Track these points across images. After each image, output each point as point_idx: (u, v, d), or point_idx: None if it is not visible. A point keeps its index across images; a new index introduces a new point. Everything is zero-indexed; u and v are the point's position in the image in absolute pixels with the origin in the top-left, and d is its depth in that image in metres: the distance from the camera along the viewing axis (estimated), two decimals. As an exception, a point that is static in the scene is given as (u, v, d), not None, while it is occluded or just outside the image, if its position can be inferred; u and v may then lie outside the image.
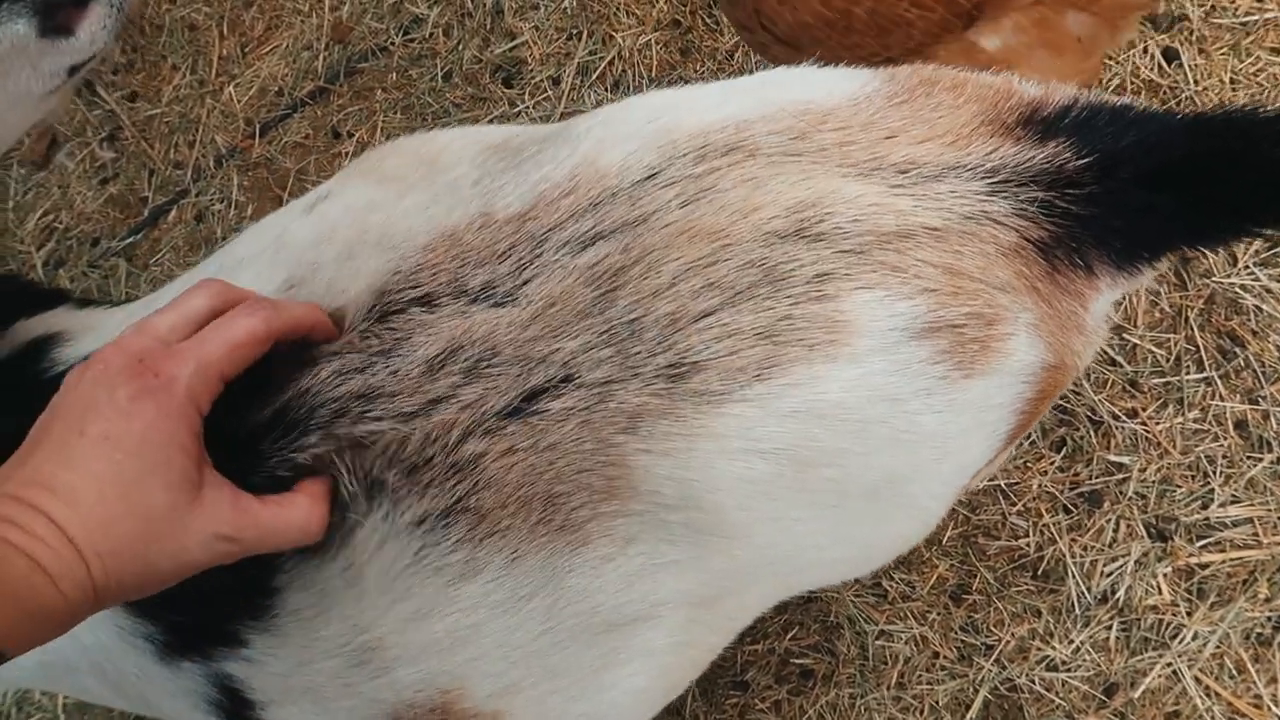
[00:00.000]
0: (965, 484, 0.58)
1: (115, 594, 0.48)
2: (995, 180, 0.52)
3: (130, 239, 1.60)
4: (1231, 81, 1.21)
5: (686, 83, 1.36)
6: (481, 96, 1.47)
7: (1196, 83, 1.21)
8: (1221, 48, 1.22)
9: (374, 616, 0.57)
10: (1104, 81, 1.24)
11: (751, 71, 1.26)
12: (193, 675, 0.62)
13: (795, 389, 0.50)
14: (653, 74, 1.41)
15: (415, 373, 0.54)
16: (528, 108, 1.46)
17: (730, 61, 1.38)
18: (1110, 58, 1.24)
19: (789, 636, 1.20)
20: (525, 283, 0.53)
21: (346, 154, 1.52)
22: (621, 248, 0.52)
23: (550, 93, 1.45)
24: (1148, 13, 0.99)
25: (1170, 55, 1.23)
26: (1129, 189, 0.52)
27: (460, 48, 1.50)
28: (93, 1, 0.64)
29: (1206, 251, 1.12)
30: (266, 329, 0.53)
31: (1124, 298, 1.18)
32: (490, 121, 1.45)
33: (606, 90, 1.43)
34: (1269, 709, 1.06)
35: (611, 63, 1.43)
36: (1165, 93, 1.22)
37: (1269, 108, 0.51)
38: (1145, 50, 1.24)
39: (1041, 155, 0.53)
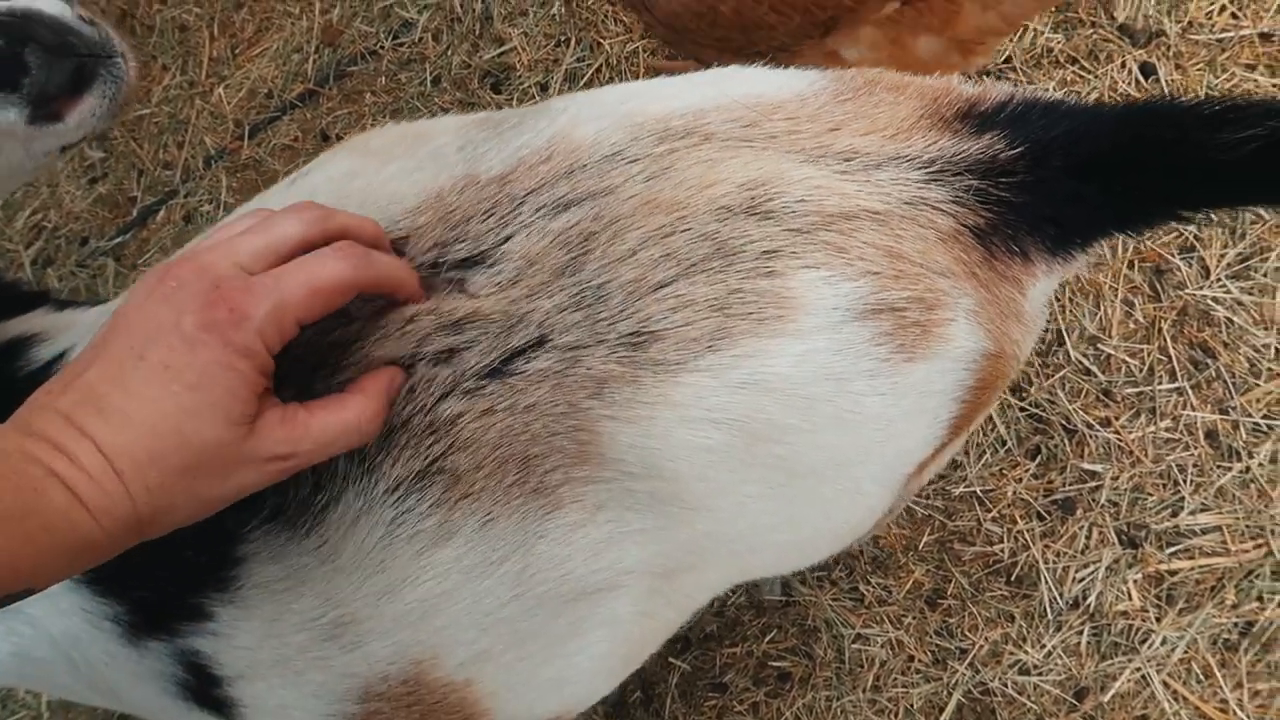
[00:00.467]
0: (909, 473, 0.60)
1: (163, 525, 0.47)
2: (932, 170, 0.54)
3: (119, 239, 1.61)
4: (1207, 96, 1.23)
5: (607, 68, 1.36)
6: (470, 101, 1.48)
7: (1172, 97, 1.23)
8: (1198, 63, 1.24)
9: (349, 592, 0.58)
10: (1084, 95, 1.26)
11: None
12: (159, 655, 0.63)
13: (745, 360, 0.52)
14: (639, 81, 1.43)
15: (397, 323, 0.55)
16: (515, 113, 1.47)
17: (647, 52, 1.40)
18: (1088, 72, 1.26)
19: (767, 639, 1.22)
20: (506, 239, 0.56)
21: (335, 157, 1.53)
22: (592, 215, 0.55)
23: (538, 98, 1.46)
24: (1003, 36, 1.04)
25: (1148, 70, 1.25)
26: (1060, 177, 0.54)
27: (449, 53, 1.51)
28: (87, 93, 0.66)
29: (1136, 236, 1.15)
30: (354, 277, 0.51)
31: (1099, 311, 1.20)
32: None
33: (593, 97, 1.45)
34: (1235, 713, 1.09)
35: (599, 70, 1.44)
36: (1142, 107, 1.24)
37: (1192, 96, 0.53)
38: (1123, 65, 1.26)
39: (977, 146, 0.55)
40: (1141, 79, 1.25)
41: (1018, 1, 0.96)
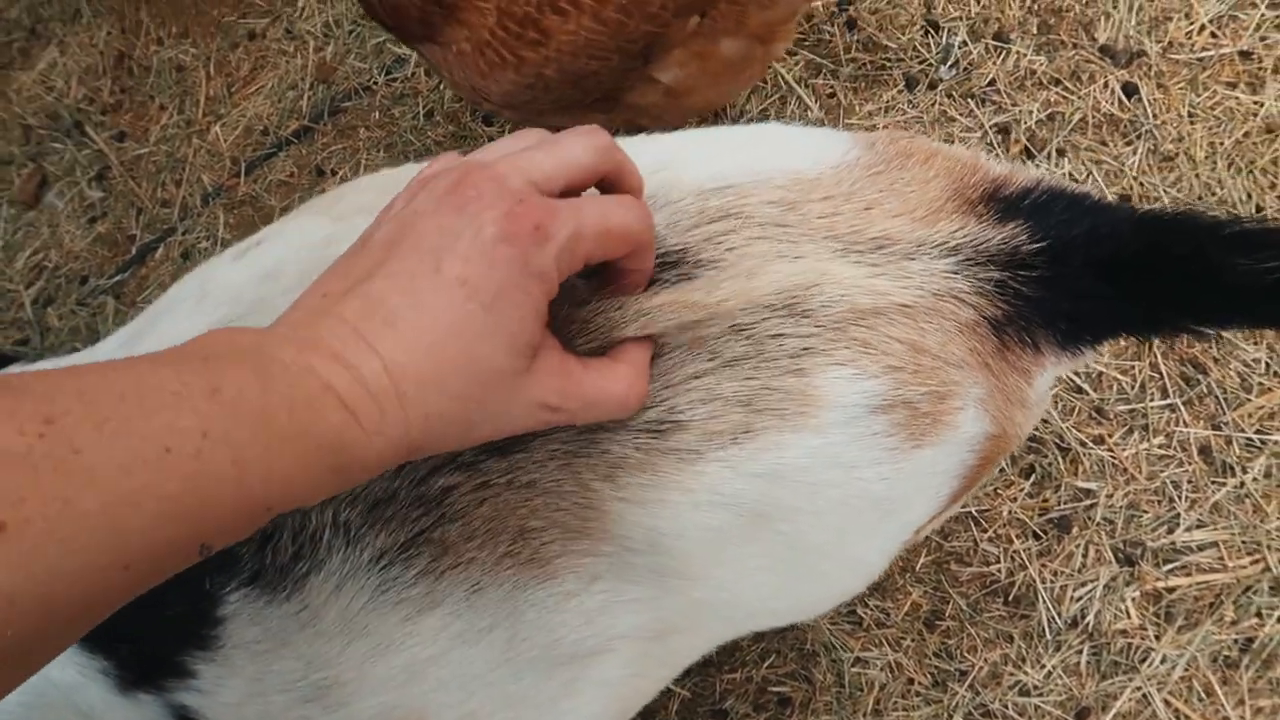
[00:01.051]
0: (908, 539, 0.60)
1: (430, 450, 0.44)
2: (959, 259, 0.54)
3: (118, 277, 1.63)
4: (1190, 115, 1.24)
5: None
6: (463, 134, 1.50)
7: (1155, 116, 1.25)
8: (1179, 82, 1.25)
9: (331, 655, 0.58)
10: (1067, 116, 1.27)
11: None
12: (150, 706, 0.63)
13: (764, 453, 0.53)
14: (629, 111, 1.45)
15: None
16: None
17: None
18: (1071, 93, 1.28)
19: (766, 665, 1.21)
20: None
21: (330, 192, 1.54)
22: (619, 305, 0.53)
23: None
24: (791, 22, 1.12)
25: (1130, 90, 1.26)
26: (1078, 276, 0.54)
27: (442, 87, 1.53)
28: None
29: (1145, 340, 1.16)
30: (640, 235, 0.48)
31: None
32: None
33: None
34: (1237, 731, 1.08)
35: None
36: (1126, 126, 1.26)
37: (1212, 212, 0.53)
38: (1105, 85, 1.27)
39: (1000, 236, 0.55)
40: (1124, 99, 1.26)
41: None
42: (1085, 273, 0.54)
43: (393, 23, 1.04)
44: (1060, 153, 1.27)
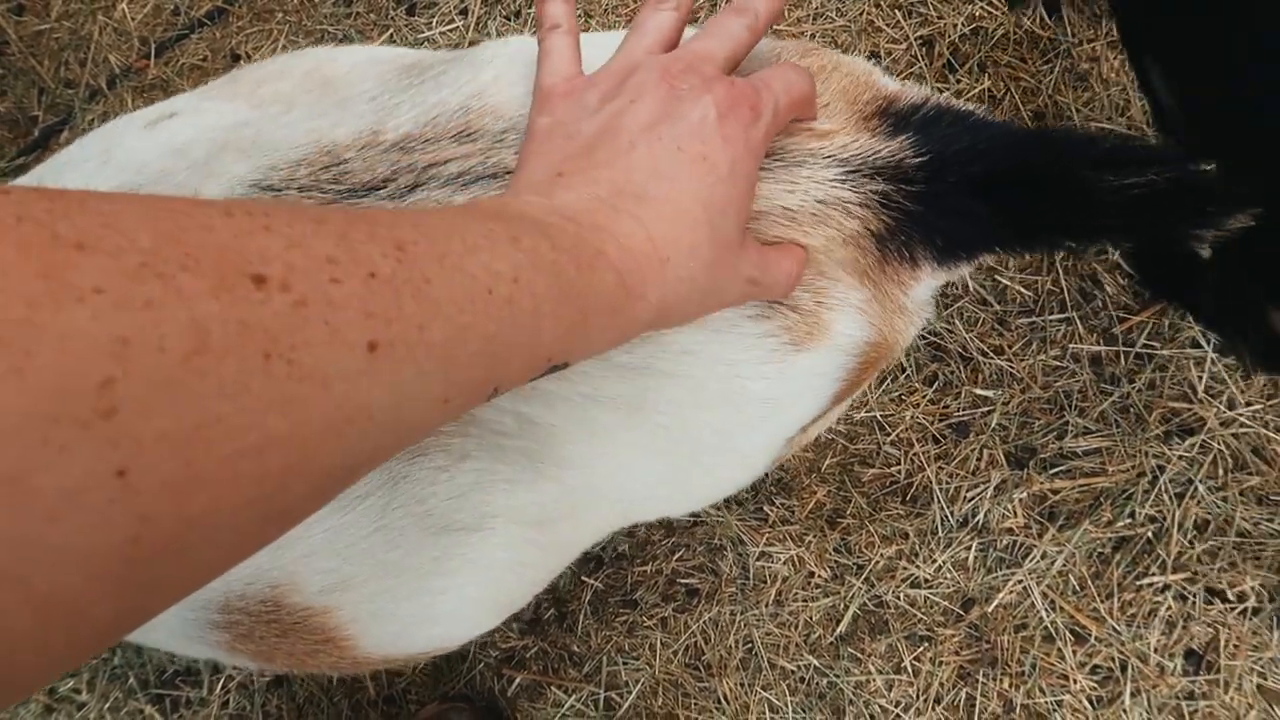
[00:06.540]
0: (793, 436, 0.62)
1: (672, 319, 0.46)
2: (847, 169, 0.55)
3: (21, 159, 1.55)
4: (1106, 37, 1.26)
5: (590, 17, 1.36)
6: (384, 25, 1.45)
7: (1074, 35, 1.27)
8: (1100, 2, 1.27)
9: None
10: (990, 31, 1.29)
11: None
12: None
13: (640, 345, 0.53)
14: (557, 7, 1.41)
15: None
16: (433, 35, 1.45)
17: (637, 1, 1.39)
18: (996, 8, 1.29)
19: (676, 558, 1.26)
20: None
21: (246, 78, 1.48)
22: (501, 188, 0.52)
23: (458, 24, 1.44)
24: None
25: (1052, 8, 1.28)
26: (953, 192, 0.55)
27: (364, -28, 1.47)
28: None
29: (1018, 256, 1.20)
30: (813, 95, 0.53)
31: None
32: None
33: (510, 20, 1.43)
34: (1105, 620, 1.17)
35: (517, -6, 1.42)
36: (1045, 44, 1.28)
37: (1085, 131, 0.54)
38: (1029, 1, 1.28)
39: (888, 149, 0.55)
40: (1045, 17, 1.28)
41: None
42: (960, 189, 0.55)
43: None
44: (981, 68, 1.29)
